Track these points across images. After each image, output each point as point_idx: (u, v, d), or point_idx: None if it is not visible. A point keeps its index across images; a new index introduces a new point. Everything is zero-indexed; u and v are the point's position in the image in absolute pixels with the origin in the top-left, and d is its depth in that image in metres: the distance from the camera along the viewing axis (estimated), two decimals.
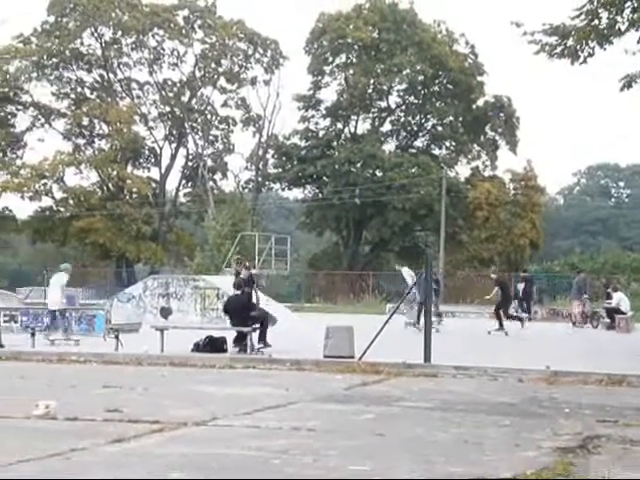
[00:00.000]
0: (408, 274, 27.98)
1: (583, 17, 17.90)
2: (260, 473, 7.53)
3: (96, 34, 63.36)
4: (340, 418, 10.87)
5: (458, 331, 26.89)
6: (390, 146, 66.09)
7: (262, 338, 18.39)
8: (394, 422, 10.58)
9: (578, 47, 18.23)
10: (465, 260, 60.91)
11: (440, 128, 65.37)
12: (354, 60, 63.49)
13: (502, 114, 64.36)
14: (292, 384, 14.15)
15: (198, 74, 65.51)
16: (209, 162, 67.20)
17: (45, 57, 62.44)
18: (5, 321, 22.18)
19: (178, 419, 10.24)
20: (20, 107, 65.10)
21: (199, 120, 66.85)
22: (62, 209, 62.49)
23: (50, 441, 8.87)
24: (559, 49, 18.33)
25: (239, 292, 19.40)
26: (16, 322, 23.24)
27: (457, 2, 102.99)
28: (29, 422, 10.14)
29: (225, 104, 66.79)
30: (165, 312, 29.46)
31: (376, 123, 65.93)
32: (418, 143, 66.97)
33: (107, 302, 29.46)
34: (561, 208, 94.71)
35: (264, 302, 24.17)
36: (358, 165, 61.60)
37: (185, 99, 65.88)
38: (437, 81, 64.23)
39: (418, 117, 66.15)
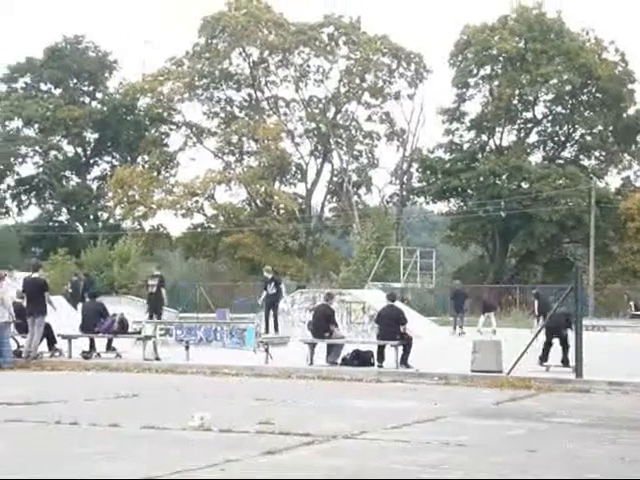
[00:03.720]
0: None
1: None
2: None
3: (244, 54, 64.94)
4: (489, 433, 10.79)
5: (610, 345, 26.14)
6: (536, 157, 65.05)
7: (404, 361, 18.32)
8: (545, 438, 10.42)
9: None
10: (616, 273, 59.12)
11: (589, 138, 63.82)
12: (499, 71, 62.77)
13: None
14: (440, 398, 14.12)
15: (343, 90, 66.16)
16: (354, 177, 67.69)
17: (196, 78, 64.43)
18: (161, 335, 22.90)
19: (328, 432, 10.35)
20: (173, 127, 67.45)
21: (344, 135, 67.46)
22: (213, 225, 64.17)
23: (206, 452, 9.14)
24: None
25: (392, 303, 19.51)
26: (171, 335, 23.97)
27: (607, 9, 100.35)
28: (185, 433, 10.46)
29: (369, 119, 67.24)
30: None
31: (522, 134, 64.95)
32: (566, 154, 65.59)
33: (257, 316, 29.98)
34: None
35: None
36: (503, 177, 60.80)
37: (330, 115, 66.62)
38: (585, 90, 62.76)
39: (566, 127, 64.76)
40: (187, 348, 20.16)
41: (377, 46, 64.64)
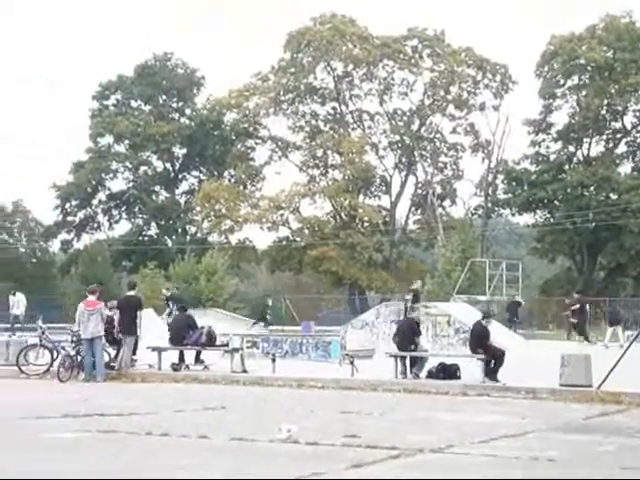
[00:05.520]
0: None
1: None
2: None
3: (329, 68, 65.22)
4: (580, 449, 10.65)
5: None
6: (626, 168, 63.63)
7: (492, 375, 18.15)
8: (636, 454, 10.25)
9: None
10: None
11: None
12: (587, 81, 61.79)
13: None
14: (527, 413, 13.98)
15: (427, 102, 65.94)
16: (438, 189, 67.34)
17: (281, 92, 64.94)
18: (248, 347, 23.15)
19: (414, 445, 10.36)
20: (259, 141, 68.12)
21: (428, 148, 67.22)
22: (298, 239, 64.51)
23: (293, 465, 9.25)
24: None
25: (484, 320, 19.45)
26: (258, 348, 24.22)
27: None
28: (273, 445, 10.60)
29: (454, 131, 66.85)
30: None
31: (610, 145, 63.75)
32: None
33: (342, 329, 30.09)
34: None
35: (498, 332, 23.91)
36: (591, 188, 59.74)
37: (414, 127, 66.46)
38: None
39: None
40: (273, 361, 20.32)
41: (462, 58, 64.28)
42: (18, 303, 35.88)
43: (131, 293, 21.91)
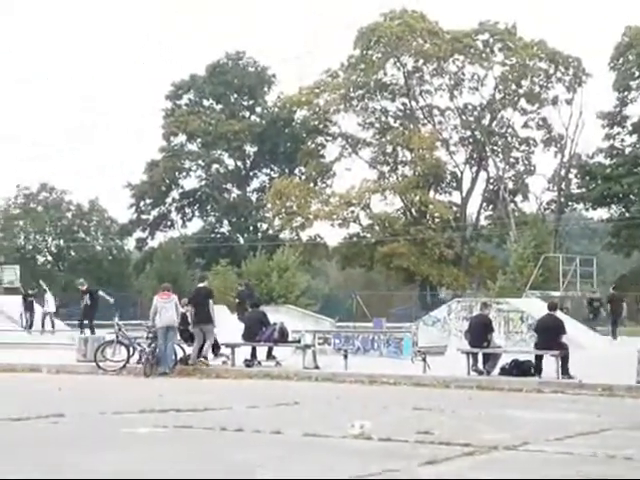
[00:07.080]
0: None
1: None
2: None
3: (399, 64, 65.09)
4: None
5: None
6: None
7: (565, 371, 17.93)
8: None
9: None
10: None
11: None
12: None
13: None
14: (603, 410, 13.78)
15: (498, 96, 65.35)
16: (510, 184, 66.70)
17: (351, 89, 65.04)
18: (319, 343, 23.22)
19: (488, 442, 10.31)
20: (329, 138, 68.31)
21: (499, 143, 66.62)
22: (368, 235, 64.53)
23: (367, 461, 9.27)
24: None
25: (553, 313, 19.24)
26: (329, 344, 24.28)
27: None
28: (346, 441, 10.64)
29: (526, 125, 66.13)
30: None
31: None
32: None
33: (413, 325, 29.99)
34: None
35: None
36: None
37: (485, 122, 65.93)
38: None
39: None
40: (345, 357, 20.38)
41: (533, 51, 63.52)
42: (48, 302, 36.66)
43: (201, 285, 22.57)
